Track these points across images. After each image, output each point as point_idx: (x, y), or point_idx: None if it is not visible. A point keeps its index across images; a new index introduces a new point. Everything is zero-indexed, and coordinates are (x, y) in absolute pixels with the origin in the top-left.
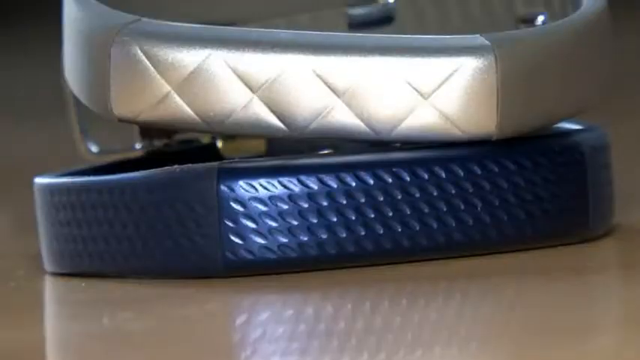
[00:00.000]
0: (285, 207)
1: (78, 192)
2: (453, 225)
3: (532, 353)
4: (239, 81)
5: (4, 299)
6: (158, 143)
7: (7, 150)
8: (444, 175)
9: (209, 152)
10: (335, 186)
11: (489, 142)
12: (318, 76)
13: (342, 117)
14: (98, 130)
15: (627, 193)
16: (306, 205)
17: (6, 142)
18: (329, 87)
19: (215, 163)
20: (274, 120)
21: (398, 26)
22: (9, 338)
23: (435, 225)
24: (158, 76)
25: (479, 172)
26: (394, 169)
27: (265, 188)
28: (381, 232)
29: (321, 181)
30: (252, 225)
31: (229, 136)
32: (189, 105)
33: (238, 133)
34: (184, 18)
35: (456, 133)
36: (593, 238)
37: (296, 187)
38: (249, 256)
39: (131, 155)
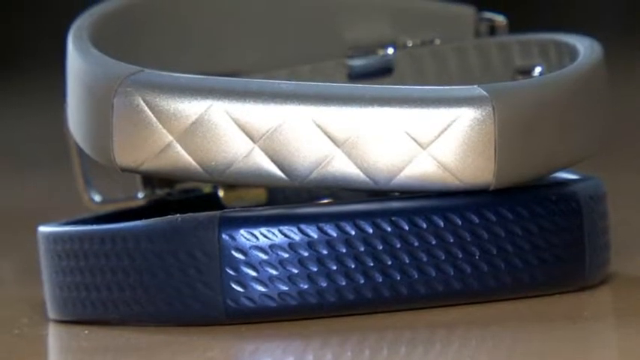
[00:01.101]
0: (286, 255)
1: (81, 240)
2: (452, 273)
3: None
4: (240, 131)
5: (8, 347)
6: (160, 192)
7: (12, 199)
8: (442, 224)
9: (210, 201)
10: (335, 235)
11: (487, 192)
12: (318, 126)
13: (342, 166)
14: (101, 180)
15: (623, 242)
16: (306, 254)
17: (11, 192)
18: (329, 137)
19: (216, 212)
20: (275, 169)
21: (397, 77)
22: None
23: (433, 273)
24: (160, 126)
25: (477, 221)
26: (393, 218)
27: (266, 237)
28: (380, 280)
29: (320, 230)
30: (253, 273)
31: (230, 186)
32: (190, 155)
33: (239, 182)
34: (186, 69)
35: (454, 182)
36: (590, 286)
37: (296, 236)
38: (250, 304)
39: (133, 204)
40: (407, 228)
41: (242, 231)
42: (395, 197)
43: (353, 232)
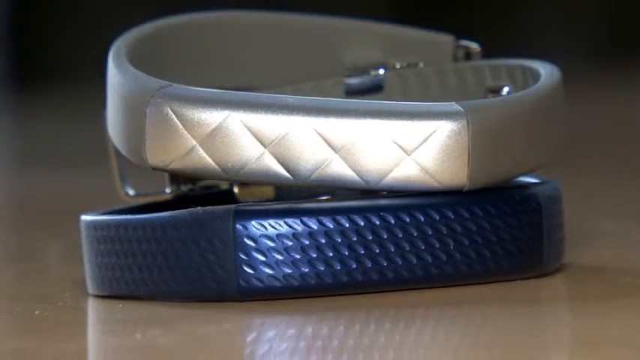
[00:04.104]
0: (290, 243)
1: (117, 228)
2: (430, 260)
3: None
4: (253, 137)
5: (54, 317)
6: (184, 188)
7: (59, 192)
8: (422, 218)
9: (227, 196)
10: (331, 226)
11: (461, 192)
12: (319, 134)
13: (339, 169)
14: (134, 177)
15: (576, 236)
16: (307, 242)
17: (57, 186)
18: (328, 143)
19: (232, 206)
20: (282, 170)
21: (386, 94)
22: (57, 349)
23: (414, 260)
24: (185, 132)
25: (452, 216)
26: (381, 213)
27: (273, 227)
28: (370, 265)
29: (320, 222)
30: (262, 258)
31: (244, 184)
32: (211, 157)
33: (252, 181)
34: (208, 84)
35: (433, 184)
36: (547, 274)
37: (299, 227)
38: (259, 284)
39: (161, 198)
40: (393, 222)
41: (253, 222)
42: (383, 196)
43: (347, 225)
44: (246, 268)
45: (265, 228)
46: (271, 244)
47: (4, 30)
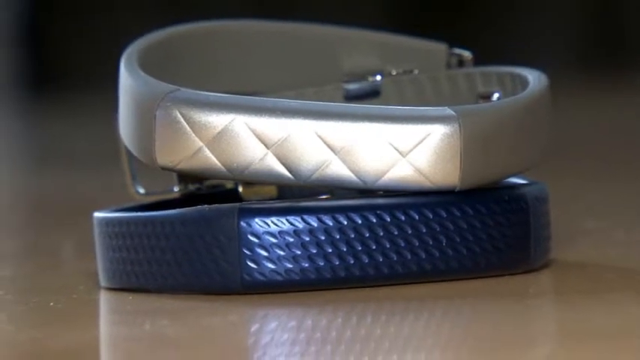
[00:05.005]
0: (291, 240)
1: (128, 224)
2: (423, 256)
3: None
4: (256, 139)
5: (68, 308)
6: (192, 187)
7: (73, 191)
8: (417, 217)
9: (232, 195)
10: (331, 224)
11: (453, 192)
12: (319, 136)
13: (338, 169)
14: (144, 176)
15: (562, 235)
16: (307, 239)
17: (72, 185)
18: (327, 145)
19: (236, 204)
20: (284, 171)
21: (383, 99)
22: (71, 339)
23: (409, 256)
24: (193, 135)
25: (444, 215)
26: (378, 212)
27: (276, 224)
28: (366, 261)
29: (320, 220)
30: (264, 253)
31: (248, 183)
32: (217, 158)
33: (255, 180)
34: (215, 89)
35: (427, 184)
36: (534, 269)
37: (300, 224)
38: (262, 278)
39: (170, 196)
40: (389, 220)
41: (257, 219)
42: (380, 195)
43: (345, 222)
44: (249, 263)
45: (268, 225)
46: (273, 240)
47: (23, 37)
